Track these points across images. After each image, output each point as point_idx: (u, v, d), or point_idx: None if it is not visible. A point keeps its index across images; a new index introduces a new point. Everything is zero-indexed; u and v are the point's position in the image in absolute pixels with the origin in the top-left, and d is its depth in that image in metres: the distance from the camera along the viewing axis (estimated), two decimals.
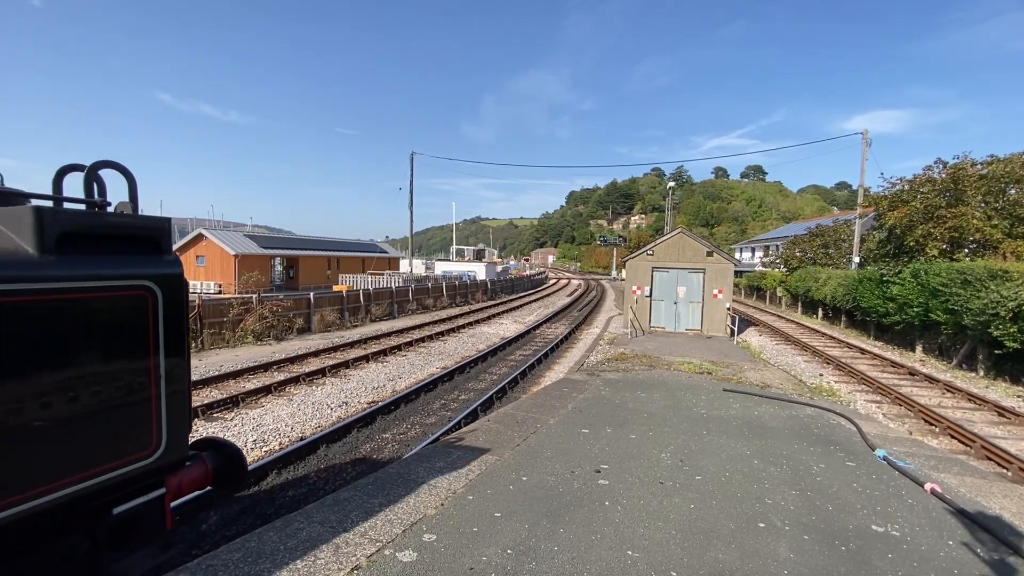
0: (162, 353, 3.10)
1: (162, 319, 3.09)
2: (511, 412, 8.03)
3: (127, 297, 2.96)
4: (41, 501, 2.58)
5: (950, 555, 4.26)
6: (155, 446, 3.09)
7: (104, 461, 2.85)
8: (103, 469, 2.84)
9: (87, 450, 2.78)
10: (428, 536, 4.08)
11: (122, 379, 2.92)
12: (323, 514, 4.34)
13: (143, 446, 3.05)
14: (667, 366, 12.71)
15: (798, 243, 38.81)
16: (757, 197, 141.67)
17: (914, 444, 7.94)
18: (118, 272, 2.92)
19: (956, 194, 20.07)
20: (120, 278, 2.92)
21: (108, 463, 2.87)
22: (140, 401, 3.01)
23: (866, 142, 26.27)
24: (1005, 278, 13.95)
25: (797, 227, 54.94)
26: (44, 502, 2.59)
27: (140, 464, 3.03)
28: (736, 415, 8.27)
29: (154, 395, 3.07)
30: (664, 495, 5.11)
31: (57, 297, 2.65)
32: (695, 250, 19.89)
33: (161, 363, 3.10)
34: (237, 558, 3.60)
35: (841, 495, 5.34)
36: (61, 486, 2.65)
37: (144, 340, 3.03)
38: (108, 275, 2.86)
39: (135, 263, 3.02)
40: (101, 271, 2.84)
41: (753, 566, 3.91)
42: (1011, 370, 14.24)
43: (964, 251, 19.95)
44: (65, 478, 2.67)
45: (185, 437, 3.32)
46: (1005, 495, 5.99)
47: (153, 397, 3.07)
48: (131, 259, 3.02)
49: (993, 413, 10.99)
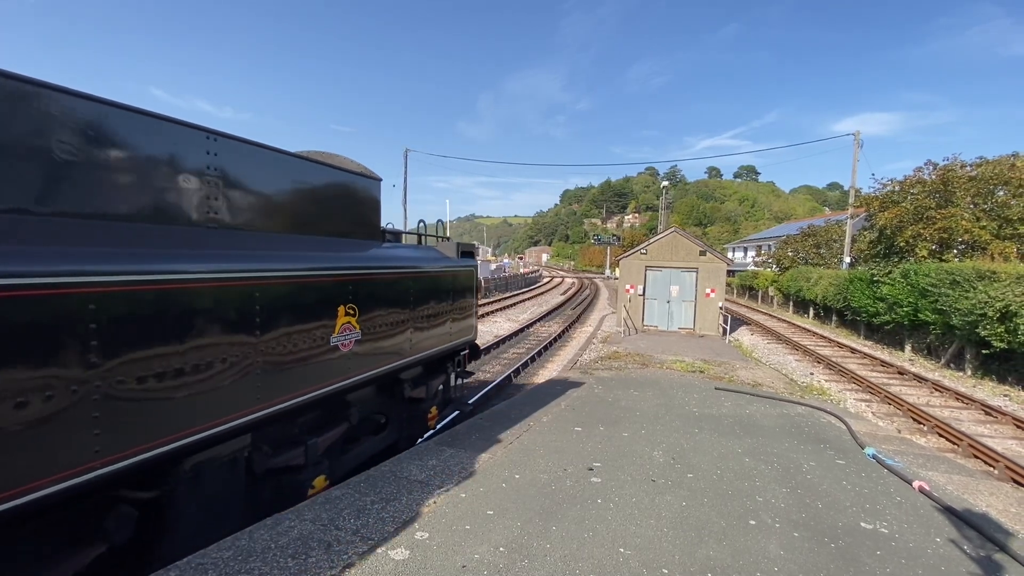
0: (475, 295, 8.09)
1: (475, 281, 8.05)
2: (504, 410, 8.03)
3: (469, 272, 7.81)
4: (448, 346, 7.11)
5: (937, 552, 4.31)
6: (473, 333, 8.10)
7: (461, 336, 7.57)
8: (459, 340, 7.51)
9: (453, 334, 7.26)
10: (420, 534, 4.07)
11: (466, 304, 7.70)
12: (315, 512, 4.31)
13: (470, 332, 7.94)
14: (660, 365, 12.76)
15: (790, 243, 39.04)
16: (750, 197, 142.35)
17: (903, 442, 8.03)
18: (467, 263, 7.77)
19: (946, 195, 20.25)
20: (468, 266, 7.77)
21: (460, 338, 7.53)
22: (470, 315, 7.88)
23: (858, 143, 26.47)
24: (993, 279, 14.11)
25: (789, 227, 55.28)
26: (449, 347, 7.15)
27: (466, 339, 7.83)
28: (728, 413, 8.32)
29: (474, 312, 8.09)
30: (656, 493, 5.14)
31: (458, 271, 7.39)
32: (688, 249, 19.96)
33: (475, 299, 8.13)
34: (227, 556, 3.57)
35: (831, 493, 5.39)
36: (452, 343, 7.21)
37: (471, 289, 7.91)
38: (466, 264, 7.72)
39: (469, 260, 7.87)
40: (466, 263, 7.73)
41: (744, 563, 3.93)
42: (998, 369, 14.42)
43: (953, 252, 20.13)
44: (453, 342, 7.25)
45: (476, 332, 8.33)
46: (991, 493, 6.07)
47: (474, 313, 8.08)
48: (468, 259, 7.87)
49: (980, 412, 11.13)
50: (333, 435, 5.06)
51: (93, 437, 2.70)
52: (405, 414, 6.70)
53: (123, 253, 2.97)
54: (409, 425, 6.86)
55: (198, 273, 3.33)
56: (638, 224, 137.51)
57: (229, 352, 3.53)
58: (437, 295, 6.70)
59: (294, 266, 4.22)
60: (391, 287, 5.65)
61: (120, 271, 2.86)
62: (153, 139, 3.37)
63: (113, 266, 2.84)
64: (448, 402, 8.02)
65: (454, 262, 7.38)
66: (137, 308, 2.94)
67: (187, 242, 3.47)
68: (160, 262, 3.12)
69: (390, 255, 5.92)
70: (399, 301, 5.77)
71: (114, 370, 2.78)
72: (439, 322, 6.79)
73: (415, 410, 6.92)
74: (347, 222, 5.38)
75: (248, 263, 3.77)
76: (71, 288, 2.60)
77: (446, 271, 7.02)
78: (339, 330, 4.68)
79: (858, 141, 26.49)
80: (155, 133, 3.38)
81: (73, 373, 2.59)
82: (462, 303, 7.52)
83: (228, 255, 3.67)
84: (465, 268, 7.66)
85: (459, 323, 7.45)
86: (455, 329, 7.30)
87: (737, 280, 46.31)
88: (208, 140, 3.71)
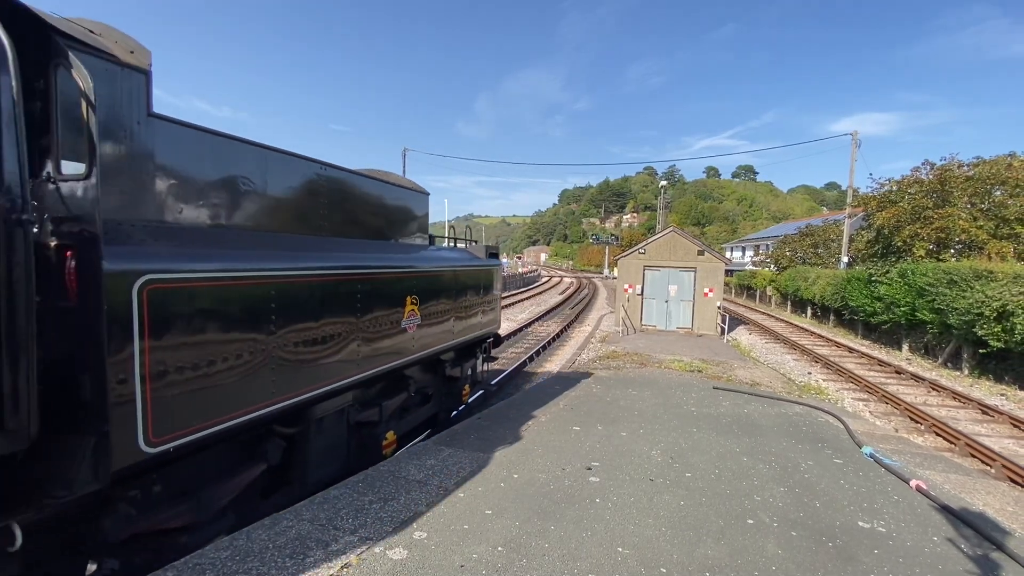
0: (498, 290, 9.39)
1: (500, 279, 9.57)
2: (502, 409, 8.03)
3: (496, 271, 9.26)
4: (479, 333, 8.42)
5: (935, 551, 4.33)
6: (497, 324, 9.46)
7: (487, 327, 8.75)
8: (487, 329, 8.81)
9: (483, 324, 8.51)
10: (419, 534, 4.07)
11: (493, 298, 9.02)
12: (313, 512, 4.31)
13: (494, 323, 9.24)
14: (658, 364, 12.77)
15: (788, 243, 39.12)
16: (748, 197, 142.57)
17: (900, 441, 8.06)
18: (494, 263, 9.22)
19: (943, 195, 20.30)
20: (494, 265, 9.20)
21: (488, 328, 8.83)
22: (496, 308, 9.25)
23: (856, 143, 26.51)
24: (990, 278, 14.14)
25: (787, 227, 55.38)
26: (480, 334, 8.49)
27: (492, 328, 9.15)
28: (726, 413, 8.33)
29: (498, 306, 9.41)
30: (654, 492, 5.14)
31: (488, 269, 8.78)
32: (686, 249, 19.98)
33: (499, 294, 9.52)
34: (225, 556, 3.56)
35: (828, 492, 5.40)
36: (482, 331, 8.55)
37: (494, 285, 9.09)
38: (493, 264, 9.12)
39: (495, 260, 9.31)
40: (493, 263, 9.15)
41: (742, 562, 3.94)
42: (995, 369, 14.46)
43: (950, 251, 20.19)
44: (483, 330, 8.58)
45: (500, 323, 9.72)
46: (988, 492, 6.10)
47: (498, 307, 9.42)
48: (494, 259, 9.30)
49: (977, 411, 11.16)
50: (396, 401, 6.20)
51: (272, 383, 3.85)
52: (444, 390, 7.92)
53: (283, 255, 4.14)
54: (447, 400, 8.10)
55: (324, 269, 4.50)
56: (636, 224, 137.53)
57: (342, 328, 4.69)
58: (473, 290, 8.01)
59: (380, 264, 5.50)
60: (440, 282, 6.87)
61: (285, 267, 4.04)
62: (293, 171, 4.58)
63: (278, 264, 4.00)
64: (476, 383, 9.41)
65: (483, 262, 8.67)
66: (294, 293, 4.09)
67: (313, 247, 4.63)
68: (301, 260, 4.27)
69: (438, 255, 7.27)
70: (446, 294, 7.01)
71: (282, 336, 3.93)
72: (473, 312, 8.07)
73: (452, 387, 8.19)
74: (406, 229, 6.66)
75: (350, 261, 4.95)
76: (262, 280, 3.81)
77: (479, 269, 8.36)
78: (406, 316, 5.88)
79: (856, 141, 26.54)
80: (293, 167, 4.57)
81: (265, 337, 3.78)
82: (490, 297, 8.88)
83: (338, 256, 4.83)
84: (493, 267, 9.15)
85: (488, 315, 8.80)
86: (484, 320, 8.63)
87: (735, 280, 46.34)
88: (320, 168, 4.86)
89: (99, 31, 3.05)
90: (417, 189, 6.98)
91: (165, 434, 3.07)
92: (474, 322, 8.10)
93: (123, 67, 3.05)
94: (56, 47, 2.71)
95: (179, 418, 3.16)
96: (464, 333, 7.70)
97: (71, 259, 2.72)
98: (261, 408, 3.76)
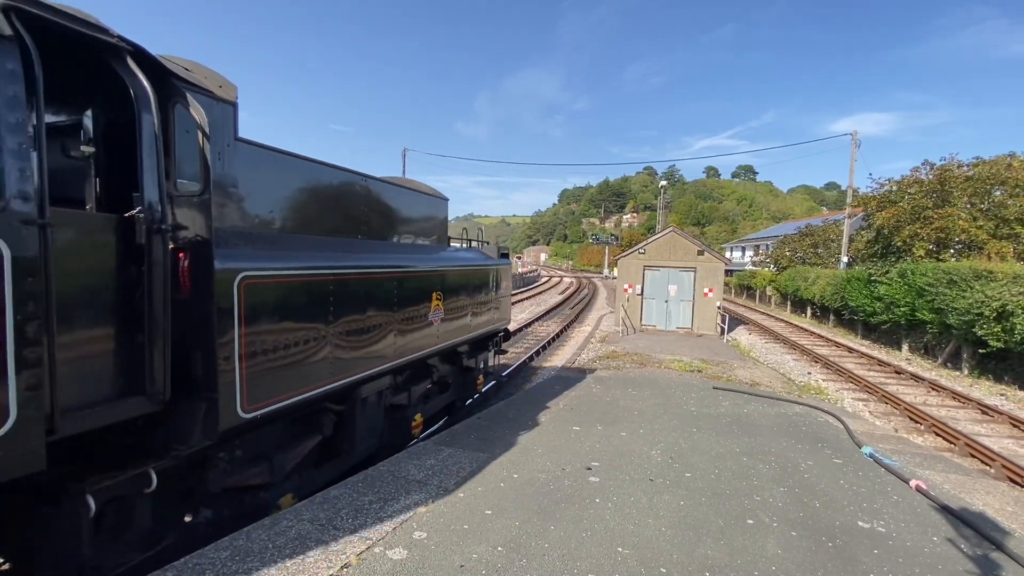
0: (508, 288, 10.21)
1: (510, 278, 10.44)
2: (502, 409, 8.03)
3: (507, 270, 10.06)
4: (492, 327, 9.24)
5: (934, 551, 4.33)
6: (507, 319, 10.30)
7: (498, 322, 9.55)
8: (498, 324, 9.60)
9: (495, 319, 9.28)
10: (418, 534, 4.07)
11: (504, 295, 9.84)
12: (312, 512, 4.31)
13: (504, 319, 10.01)
14: (658, 364, 12.77)
15: (788, 243, 39.10)
16: (748, 197, 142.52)
17: (900, 441, 8.06)
18: (505, 263, 10.00)
19: (943, 195, 20.29)
20: (506, 265, 9.99)
21: (499, 323, 9.64)
22: (504, 305, 9.89)
23: (855, 143, 26.51)
24: (990, 278, 14.14)
25: (787, 227, 55.37)
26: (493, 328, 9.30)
27: (502, 324, 9.94)
28: (726, 413, 8.33)
29: (508, 303, 10.29)
30: (654, 492, 5.14)
31: (500, 269, 9.55)
32: (686, 249, 19.97)
33: (509, 291, 10.36)
34: (224, 556, 3.56)
35: (828, 492, 5.40)
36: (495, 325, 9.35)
37: (505, 283, 9.84)
38: (504, 263, 9.89)
39: (505, 260, 10.07)
40: (504, 262, 9.90)
41: (742, 562, 3.94)
42: (994, 369, 14.46)
43: (950, 251, 20.18)
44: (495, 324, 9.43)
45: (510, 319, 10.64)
46: (988, 492, 6.10)
47: (508, 303, 10.29)
48: (505, 259, 10.01)
49: (977, 411, 11.16)
50: (422, 387, 6.95)
51: (329, 365, 4.57)
52: (461, 380, 8.71)
53: (337, 255, 4.80)
54: (463, 389, 8.94)
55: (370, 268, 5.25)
56: (636, 224, 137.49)
57: (383, 320, 5.41)
58: (487, 287, 8.82)
59: (413, 263, 6.25)
60: (461, 280, 7.63)
61: (340, 266, 4.76)
62: (341, 182, 5.24)
63: (334, 263, 4.71)
64: (488, 374, 10.32)
65: (496, 261, 9.49)
66: (347, 289, 4.80)
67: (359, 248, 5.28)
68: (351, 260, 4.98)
69: (457, 256, 8.04)
70: (465, 291, 7.77)
71: (337, 325, 4.66)
72: (487, 308, 8.87)
73: (467, 377, 9.01)
74: (430, 231, 7.34)
75: (390, 261, 5.72)
76: (324, 277, 4.53)
77: (493, 268, 9.13)
78: (432, 310, 6.58)
79: (856, 141, 26.54)
80: (341, 179, 5.21)
81: (324, 326, 4.50)
82: (501, 294, 9.71)
83: (380, 256, 5.57)
84: (504, 266, 9.91)
85: (499, 311, 9.62)
86: (496, 316, 9.43)
87: (735, 280, 46.35)
88: (362, 180, 5.52)
89: (191, 68, 3.66)
90: (438, 195, 7.68)
91: (256, 403, 3.79)
92: (488, 317, 8.87)
93: (217, 100, 3.64)
94: (175, 88, 3.39)
95: (265, 390, 3.86)
96: (479, 327, 8.45)
97: (184, 260, 3.42)
98: (321, 386, 4.48)
